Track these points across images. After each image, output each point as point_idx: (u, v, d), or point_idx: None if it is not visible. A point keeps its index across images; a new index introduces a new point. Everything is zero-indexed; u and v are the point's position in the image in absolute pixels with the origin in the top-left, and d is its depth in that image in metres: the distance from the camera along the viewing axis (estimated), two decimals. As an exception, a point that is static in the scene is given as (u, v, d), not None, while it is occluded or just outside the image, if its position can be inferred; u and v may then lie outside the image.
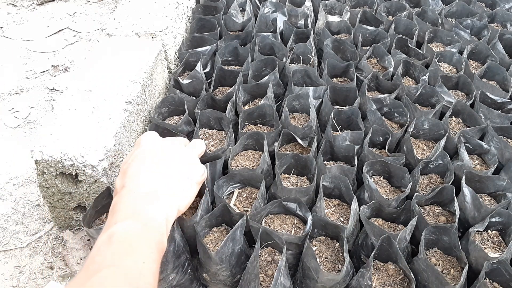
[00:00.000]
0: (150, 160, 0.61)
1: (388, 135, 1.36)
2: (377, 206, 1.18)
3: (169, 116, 1.49)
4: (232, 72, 1.57)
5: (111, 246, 0.51)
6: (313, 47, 1.69)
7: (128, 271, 0.49)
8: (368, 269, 1.01)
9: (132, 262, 0.50)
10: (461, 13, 1.98)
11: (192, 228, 1.13)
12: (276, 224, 1.17)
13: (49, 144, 1.18)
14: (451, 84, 1.60)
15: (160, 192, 0.58)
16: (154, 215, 0.56)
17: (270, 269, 1.10)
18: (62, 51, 2.17)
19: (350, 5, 2.00)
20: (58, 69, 2.07)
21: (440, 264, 1.10)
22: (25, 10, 2.46)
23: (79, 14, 2.45)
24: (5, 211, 1.46)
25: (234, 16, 1.87)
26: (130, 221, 0.54)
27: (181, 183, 0.61)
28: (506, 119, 1.44)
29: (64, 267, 1.31)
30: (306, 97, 1.46)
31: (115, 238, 0.51)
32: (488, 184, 1.25)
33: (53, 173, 1.19)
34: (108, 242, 0.51)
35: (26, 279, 1.28)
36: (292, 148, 1.39)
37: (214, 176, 1.27)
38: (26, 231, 1.41)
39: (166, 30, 1.61)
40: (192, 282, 1.17)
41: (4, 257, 1.34)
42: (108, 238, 0.52)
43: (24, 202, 1.49)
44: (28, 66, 2.08)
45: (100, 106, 1.29)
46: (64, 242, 1.35)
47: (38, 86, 1.97)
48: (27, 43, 2.22)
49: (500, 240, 1.16)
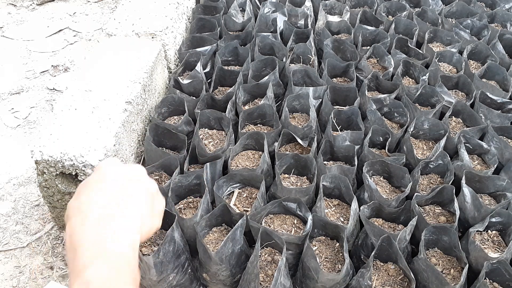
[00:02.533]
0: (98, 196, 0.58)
1: (388, 135, 1.36)
2: (377, 206, 1.18)
3: (169, 116, 1.49)
4: (232, 72, 1.57)
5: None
6: (313, 47, 1.69)
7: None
8: (368, 269, 1.01)
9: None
10: (461, 13, 1.98)
11: (192, 228, 1.13)
12: (276, 224, 1.18)
13: (49, 144, 1.18)
14: (451, 84, 1.60)
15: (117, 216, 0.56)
16: (120, 248, 0.54)
17: (270, 269, 1.10)
18: (62, 51, 2.18)
19: (350, 5, 2.00)
20: (58, 69, 2.07)
21: (440, 264, 1.10)
22: (25, 10, 2.47)
23: (79, 14, 2.45)
24: (5, 211, 1.46)
25: (234, 16, 1.87)
26: (100, 263, 0.52)
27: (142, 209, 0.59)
28: (506, 119, 1.44)
29: (64, 267, 1.31)
30: (306, 97, 1.46)
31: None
32: (488, 184, 1.25)
33: (53, 173, 1.19)
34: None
35: (26, 279, 1.28)
36: (292, 148, 1.39)
37: (214, 176, 1.27)
38: (26, 231, 1.41)
39: (166, 30, 1.61)
40: (192, 282, 1.17)
41: (4, 257, 1.34)
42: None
43: (24, 202, 1.49)
44: (28, 66, 2.08)
45: (100, 106, 1.29)
46: (64, 242, 1.36)
47: (38, 86, 1.97)
48: (27, 43, 2.22)
49: (500, 240, 1.16)
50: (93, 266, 0.51)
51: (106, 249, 0.52)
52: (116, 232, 0.54)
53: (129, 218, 0.56)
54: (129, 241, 0.55)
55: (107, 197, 0.57)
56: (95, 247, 0.52)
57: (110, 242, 0.53)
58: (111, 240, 0.53)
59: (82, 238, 0.53)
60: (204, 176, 1.21)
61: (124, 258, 0.54)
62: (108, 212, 0.55)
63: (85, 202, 0.56)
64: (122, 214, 0.55)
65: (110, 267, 0.52)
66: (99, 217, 0.54)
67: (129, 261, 0.54)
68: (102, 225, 0.53)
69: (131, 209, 0.56)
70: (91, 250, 0.52)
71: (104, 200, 0.56)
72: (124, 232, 0.55)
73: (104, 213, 0.54)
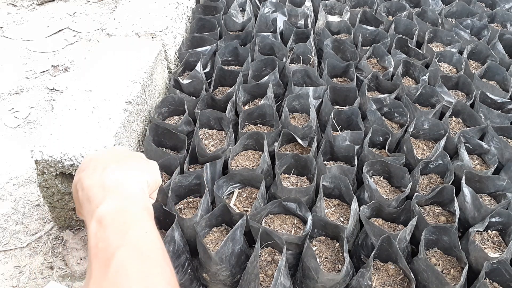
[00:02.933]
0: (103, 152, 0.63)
1: (388, 135, 1.36)
2: (377, 206, 1.18)
3: (169, 116, 1.49)
4: (232, 72, 1.57)
5: (107, 230, 0.50)
6: (313, 47, 1.69)
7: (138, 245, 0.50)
8: (368, 269, 1.01)
9: (136, 237, 0.51)
10: (461, 13, 1.98)
11: (192, 228, 1.13)
12: (276, 224, 1.18)
13: (49, 144, 1.19)
14: (451, 84, 1.60)
15: (123, 163, 0.59)
16: (128, 185, 0.56)
17: (270, 269, 1.10)
18: (62, 51, 2.18)
19: (350, 5, 2.00)
20: (58, 69, 2.07)
21: (440, 264, 1.10)
22: (25, 10, 2.47)
23: (79, 14, 2.45)
24: (5, 211, 1.46)
25: (234, 16, 1.87)
26: (111, 200, 0.53)
27: (142, 163, 0.62)
28: (506, 119, 1.44)
29: (64, 267, 1.31)
30: (306, 97, 1.46)
31: (106, 221, 0.51)
32: (488, 184, 1.25)
33: (53, 173, 1.19)
34: (101, 227, 0.51)
35: (26, 279, 1.28)
36: (292, 148, 1.39)
37: (214, 176, 1.27)
38: (26, 231, 1.41)
39: (166, 30, 1.61)
40: (192, 282, 1.17)
41: (4, 257, 1.34)
42: (98, 223, 0.51)
43: (24, 202, 1.49)
44: (28, 66, 2.08)
45: (100, 106, 1.29)
46: (64, 242, 1.36)
47: (38, 86, 1.97)
48: (27, 43, 2.22)
49: (500, 240, 1.16)
50: (105, 203, 0.52)
51: (117, 190, 0.54)
52: (125, 178, 0.56)
53: (135, 169, 0.60)
54: (139, 186, 0.58)
55: (113, 156, 0.61)
56: (106, 190, 0.54)
57: (120, 185, 0.55)
58: (121, 183, 0.55)
59: (93, 185, 0.55)
60: (204, 176, 1.21)
61: (132, 192, 0.55)
62: (116, 164, 0.58)
63: (93, 160, 0.60)
64: (128, 166, 0.58)
65: (120, 201, 0.53)
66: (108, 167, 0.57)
67: (139, 196, 0.56)
68: (111, 173, 0.56)
69: (135, 164, 0.61)
70: (102, 192, 0.53)
71: (111, 158, 0.60)
72: (132, 178, 0.58)
73: (112, 165, 0.58)
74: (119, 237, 0.50)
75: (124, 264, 0.47)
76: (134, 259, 0.48)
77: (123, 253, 0.48)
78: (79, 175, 0.59)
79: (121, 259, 0.47)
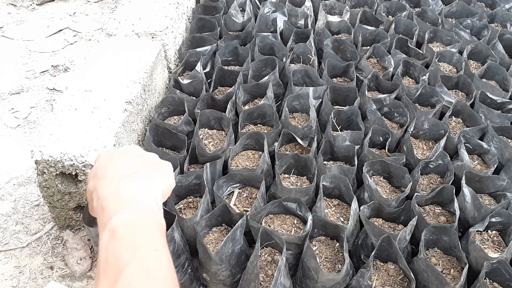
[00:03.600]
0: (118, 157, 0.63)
1: (388, 135, 1.36)
2: (377, 206, 1.18)
3: (169, 116, 1.49)
4: (232, 72, 1.57)
5: (118, 243, 0.51)
6: (313, 47, 1.69)
7: (147, 263, 0.50)
8: (368, 269, 1.01)
9: (146, 253, 0.51)
10: (461, 13, 1.98)
11: (192, 228, 1.13)
12: (276, 224, 1.18)
13: (49, 144, 1.19)
14: (451, 84, 1.60)
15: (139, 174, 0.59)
16: (143, 199, 0.56)
17: (270, 269, 1.10)
18: (62, 51, 2.18)
19: (350, 5, 2.00)
20: (58, 69, 2.07)
21: (440, 264, 1.10)
22: (25, 10, 2.47)
23: (79, 14, 2.45)
24: (5, 211, 1.46)
25: (234, 16, 1.87)
26: (124, 212, 0.54)
27: (158, 169, 0.62)
28: (506, 119, 1.44)
29: (64, 267, 1.31)
30: (306, 97, 1.46)
31: (118, 234, 0.51)
32: (488, 184, 1.25)
33: (53, 173, 1.19)
34: (112, 239, 0.51)
35: (26, 279, 1.28)
36: (292, 148, 1.39)
37: (214, 176, 1.27)
38: (26, 231, 1.41)
39: (166, 30, 1.61)
40: (192, 282, 1.17)
41: (4, 257, 1.34)
42: (111, 235, 0.52)
43: (24, 202, 1.49)
44: (28, 66, 2.08)
45: (100, 106, 1.29)
46: (64, 242, 1.36)
47: (38, 86, 1.97)
48: (27, 43, 2.22)
49: (500, 240, 1.16)
50: (118, 215, 0.53)
51: (131, 203, 0.54)
52: (141, 191, 0.56)
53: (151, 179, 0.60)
54: (154, 199, 0.59)
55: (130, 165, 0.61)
56: (121, 202, 0.54)
57: (135, 198, 0.55)
58: (136, 196, 0.56)
59: (109, 195, 0.56)
60: (204, 176, 1.21)
61: (147, 206, 0.56)
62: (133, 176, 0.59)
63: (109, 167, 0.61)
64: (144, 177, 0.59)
65: (134, 215, 0.54)
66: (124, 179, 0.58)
67: (153, 210, 0.56)
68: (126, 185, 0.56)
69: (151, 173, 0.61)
70: (117, 204, 0.54)
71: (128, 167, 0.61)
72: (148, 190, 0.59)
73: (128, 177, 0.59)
74: (128, 253, 0.50)
75: (130, 282, 0.47)
76: (141, 277, 0.48)
77: (131, 270, 0.49)
78: (95, 183, 0.59)
79: (128, 276, 0.48)
